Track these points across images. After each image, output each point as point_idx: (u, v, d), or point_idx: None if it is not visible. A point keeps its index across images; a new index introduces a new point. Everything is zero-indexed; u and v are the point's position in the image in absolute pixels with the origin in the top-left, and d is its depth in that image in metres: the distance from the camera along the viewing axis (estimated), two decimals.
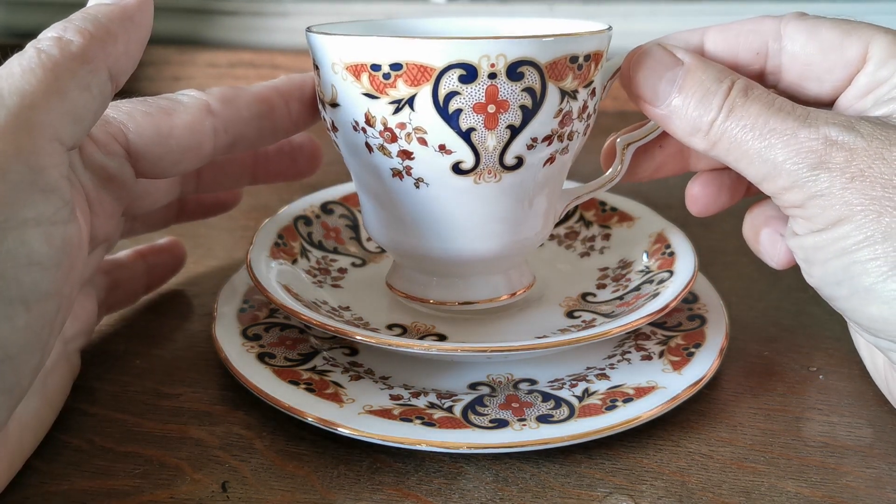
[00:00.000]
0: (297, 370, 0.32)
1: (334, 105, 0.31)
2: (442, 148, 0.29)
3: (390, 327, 0.35)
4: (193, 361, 0.35)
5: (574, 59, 0.29)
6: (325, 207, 0.41)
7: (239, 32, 0.76)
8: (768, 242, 0.34)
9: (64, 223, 0.24)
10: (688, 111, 0.30)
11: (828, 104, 0.31)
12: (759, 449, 0.30)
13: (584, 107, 0.31)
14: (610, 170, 0.36)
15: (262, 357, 0.33)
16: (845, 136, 0.27)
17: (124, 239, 0.37)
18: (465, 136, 0.29)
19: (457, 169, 0.30)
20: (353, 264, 0.40)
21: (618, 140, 0.35)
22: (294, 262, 0.37)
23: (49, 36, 0.25)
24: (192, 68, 0.72)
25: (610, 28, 0.32)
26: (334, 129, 0.32)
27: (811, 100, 0.31)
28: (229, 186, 0.39)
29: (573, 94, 0.30)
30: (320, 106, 0.33)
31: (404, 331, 0.35)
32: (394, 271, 0.37)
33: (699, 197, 0.35)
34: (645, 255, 0.38)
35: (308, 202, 0.41)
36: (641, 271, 0.37)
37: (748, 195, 0.36)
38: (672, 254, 0.37)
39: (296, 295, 0.34)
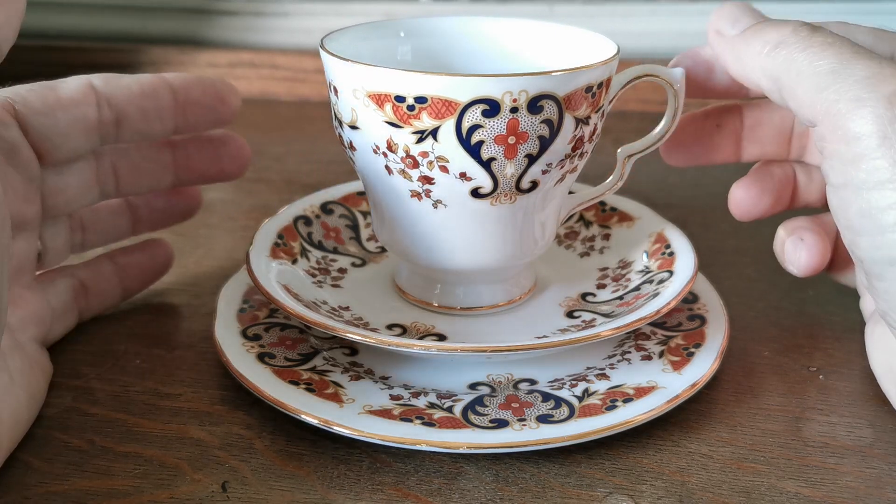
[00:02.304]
0: (297, 370, 0.32)
1: (354, 127, 0.31)
2: (462, 175, 0.30)
3: (390, 327, 0.35)
4: (193, 361, 0.35)
5: (589, 88, 0.30)
6: (325, 207, 0.41)
7: (239, 32, 0.75)
8: (791, 248, 0.35)
9: None
10: (761, 31, 0.30)
11: None
12: (759, 449, 0.30)
13: (594, 129, 0.32)
14: (610, 179, 0.37)
15: (262, 357, 0.33)
16: None
17: (81, 252, 0.37)
18: (486, 165, 0.30)
19: (475, 194, 0.31)
20: (353, 264, 0.40)
21: (619, 151, 0.36)
22: (294, 262, 0.37)
23: None
24: (192, 68, 0.72)
25: (618, 51, 0.32)
26: (352, 148, 0.32)
27: None
28: (152, 187, 0.38)
29: (586, 121, 0.31)
30: (336, 123, 0.33)
31: (404, 331, 0.35)
32: (401, 274, 0.37)
33: (742, 200, 0.36)
34: (645, 255, 0.38)
35: (308, 202, 0.41)
36: (641, 271, 0.37)
37: (791, 207, 0.37)
38: (672, 254, 0.37)
39: (295, 295, 0.34)
